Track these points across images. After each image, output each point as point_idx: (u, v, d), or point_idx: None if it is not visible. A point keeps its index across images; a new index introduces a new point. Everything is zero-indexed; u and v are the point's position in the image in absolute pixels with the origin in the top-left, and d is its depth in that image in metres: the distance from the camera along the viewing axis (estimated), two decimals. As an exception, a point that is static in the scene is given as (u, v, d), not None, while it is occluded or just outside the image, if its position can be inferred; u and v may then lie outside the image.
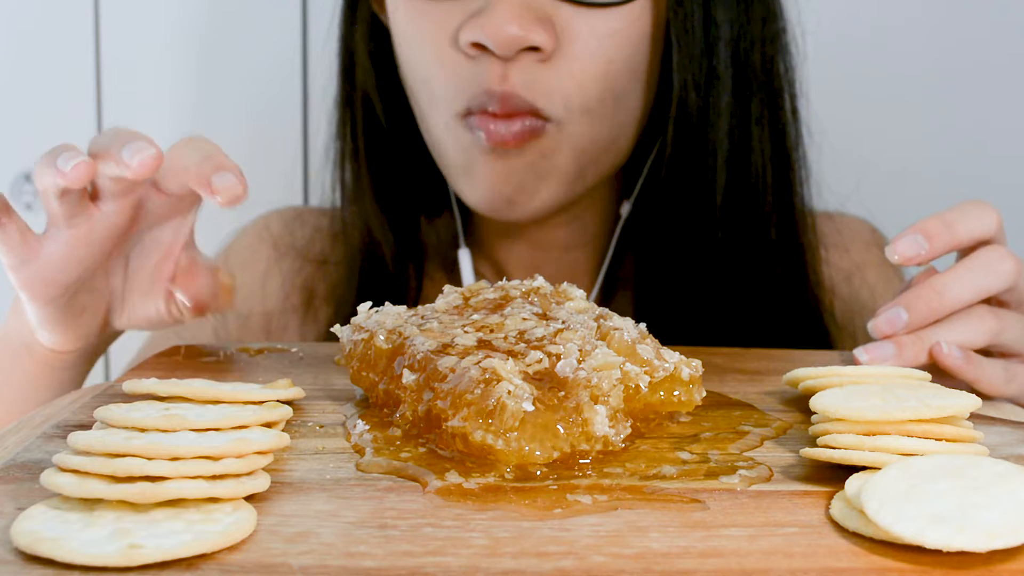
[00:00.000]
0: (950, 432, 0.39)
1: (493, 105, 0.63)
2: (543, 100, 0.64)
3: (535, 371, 0.42)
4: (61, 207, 0.51)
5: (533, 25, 0.62)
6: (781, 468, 0.40)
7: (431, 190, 0.78)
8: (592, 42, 0.64)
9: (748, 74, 0.68)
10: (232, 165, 0.50)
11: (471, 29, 0.63)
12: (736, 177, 0.68)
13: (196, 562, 0.31)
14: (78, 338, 0.57)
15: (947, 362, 0.51)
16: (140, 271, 0.57)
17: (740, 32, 0.67)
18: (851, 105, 1.01)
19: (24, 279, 0.52)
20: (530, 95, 0.64)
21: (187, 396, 0.42)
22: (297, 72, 1.08)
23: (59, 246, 0.52)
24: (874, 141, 1.03)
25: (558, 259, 0.77)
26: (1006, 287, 0.53)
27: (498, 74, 0.63)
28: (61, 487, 0.34)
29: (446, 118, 0.67)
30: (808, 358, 0.58)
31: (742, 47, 0.67)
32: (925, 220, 0.53)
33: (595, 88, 0.65)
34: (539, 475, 0.39)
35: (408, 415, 0.43)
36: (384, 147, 0.76)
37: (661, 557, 0.32)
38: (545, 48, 0.63)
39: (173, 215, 0.56)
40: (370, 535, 0.33)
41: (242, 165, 0.51)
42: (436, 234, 0.80)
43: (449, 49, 0.65)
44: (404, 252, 0.77)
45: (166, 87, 1.07)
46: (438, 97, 0.66)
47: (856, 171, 0.81)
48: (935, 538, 0.32)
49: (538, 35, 0.62)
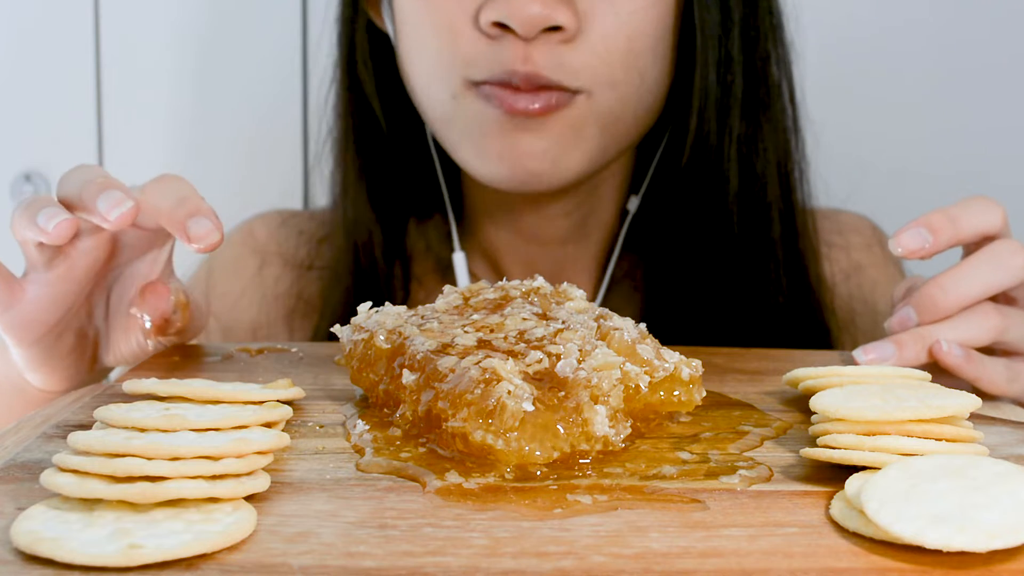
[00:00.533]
0: (950, 432, 0.39)
1: (516, 82, 0.63)
2: (569, 78, 0.64)
3: (535, 371, 0.41)
4: (41, 254, 0.51)
5: (556, 4, 0.61)
6: (781, 468, 0.40)
7: (423, 192, 0.77)
8: (614, 20, 0.64)
9: (756, 62, 0.68)
10: (207, 209, 0.50)
11: (493, 8, 0.62)
12: (745, 170, 0.69)
13: (196, 562, 0.31)
14: (66, 378, 0.56)
15: (947, 360, 0.51)
16: (120, 305, 0.56)
17: (749, 19, 0.68)
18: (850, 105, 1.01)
19: (7, 323, 0.52)
20: (555, 75, 0.63)
21: (187, 396, 0.42)
22: (297, 72, 1.08)
23: (40, 287, 0.51)
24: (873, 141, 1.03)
25: (555, 254, 0.77)
26: (1016, 282, 0.52)
27: (520, 55, 0.63)
28: (61, 487, 0.34)
29: (453, 88, 0.66)
30: (808, 358, 0.58)
31: (750, 34, 0.68)
32: (929, 214, 0.52)
33: (620, 64, 0.65)
34: (539, 475, 0.39)
35: (408, 415, 0.43)
36: (379, 147, 0.76)
37: (661, 557, 0.32)
38: (568, 27, 0.62)
39: (150, 248, 0.56)
40: (370, 535, 0.33)
41: (242, 165, 0.51)
42: (425, 238, 0.80)
43: (465, 26, 0.64)
44: (392, 253, 0.77)
45: (166, 87, 1.07)
46: (448, 69, 0.65)
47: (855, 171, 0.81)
48: (935, 538, 0.32)
49: (562, 14, 0.62)
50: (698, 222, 0.70)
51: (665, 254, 0.72)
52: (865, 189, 0.81)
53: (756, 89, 0.69)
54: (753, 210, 0.69)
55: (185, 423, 0.38)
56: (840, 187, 0.78)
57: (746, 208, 0.69)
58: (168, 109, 1.07)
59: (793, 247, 0.71)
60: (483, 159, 0.67)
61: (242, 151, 1.05)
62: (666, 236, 0.72)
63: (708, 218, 0.69)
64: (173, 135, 0.56)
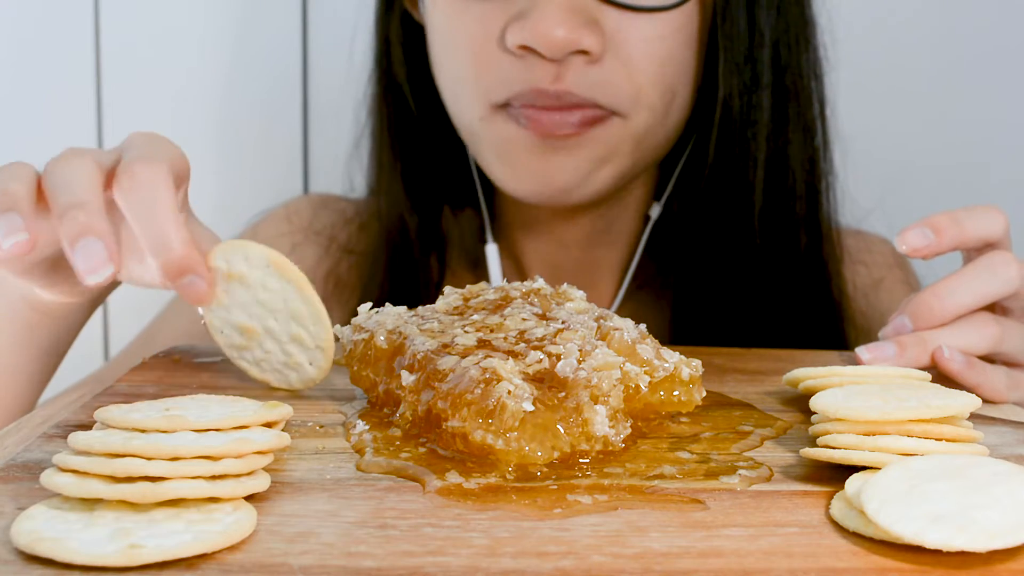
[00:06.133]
0: (950, 432, 0.39)
1: (544, 101, 0.63)
2: (604, 96, 0.63)
3: (535, 371, 0.42)
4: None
5: (581, 28, 0.61)
6: (781, 468, 0.40)
7: (457, 182, 0.77)
8: (642, 46, 0.63)
9: (786, 81, 0.68)
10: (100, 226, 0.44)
11: (518, 31, 0.62)
12: (773, 183, 0.69)
13: (196, 562, 0.31)
14: (74, 292, 0.54)
15: (948, 366, 0.51)
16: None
17: (780, 39, 0.68)
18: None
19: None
20: (589, 93, 0.63)
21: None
22: (297, 72, 1.08)
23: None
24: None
25: (579, 257, 0.77)
26: (1009, 293, 0.53)
27: (551, 73, 0.62)
28: (61, 487, 0.34)
29: (481, 111, 0.66)
30: (808, 358, 0.58)
31: (782, 54, 0.68)
32: (935, 215, 0.53)
33: (653, 86, 0.65)
34: (539, 475, 0.39)
35: (408, 415, 0.43)
36: (414, 136, 0.76)
37: (661, 557, 0.32)
38: (594, 52, 0.62)
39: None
40: (370, 535, 0.33)
41: (242, 165, 0.50)
42: (459, 229, 0.80)
43: (492, 48, 0.64)
44: (428, 238, 0.76)
45: (166, 87, 1.07)
46: (474, 91, 0.66)
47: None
48: (935, 538, 0.32)
49: (587, 38, 0.61)
50: (722, 230, 0.70)
51: (688, 260, 0.72)
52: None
53: (785, 102, 0.69)
54: (778, 221, 0.70)
55: (185, 423, 0.37)
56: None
57: (772, 219, 0.69)
58: (168, 109, 1.07)
59: (817, 259, 0.71)
60: (515, 179, 0.67)
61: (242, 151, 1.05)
62: (689, 243, 0.72)
63: (732, 227, 0.70)
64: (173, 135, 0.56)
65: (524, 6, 0.62)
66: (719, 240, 0.70)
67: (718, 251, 0.70)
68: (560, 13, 0.61)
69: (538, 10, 0.61)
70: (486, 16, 0.64)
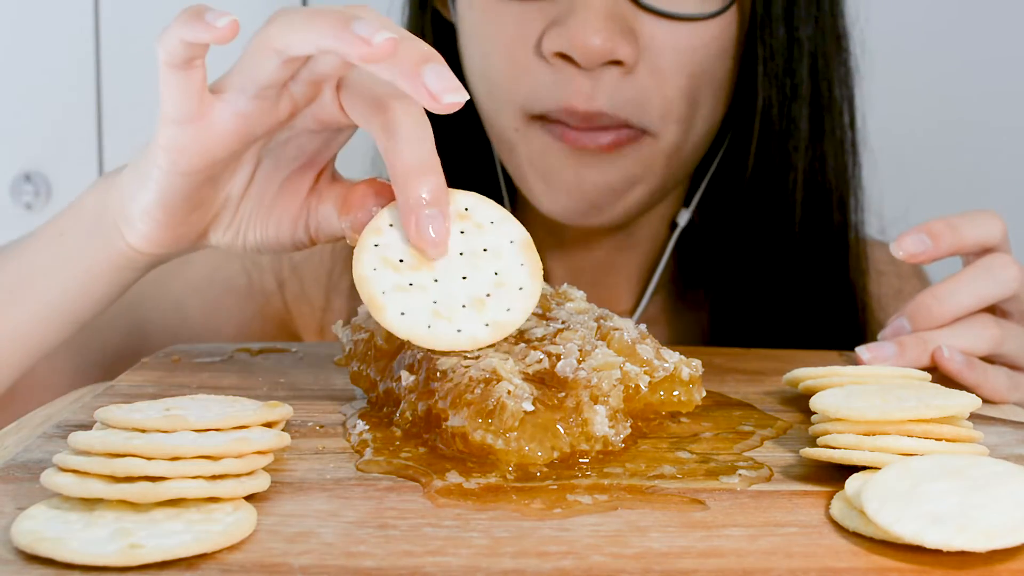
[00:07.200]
0: (950, 432, 0.39)
1: (575, 122, 0.63)
2: (635, 115, 0.63)
3: (535, 371, 0.42)
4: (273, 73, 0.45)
5: (618, 37, 0.61)
6: (781, 468, 0.40)
7: (482, 183, 0.77)
8: (675, 56, 0.63)
9: (822, 90, 0.68)
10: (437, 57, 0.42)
11: (555, 38, 0.61)
12: (811, 192, 0.69)
13: (196, 562, 0.31)
14: (171, 240, 0.50)
15: (948, 366, 0.51)
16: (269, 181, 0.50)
17: (817, 49, 0.67)
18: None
19: (174, 140, 0.46)
20: (621, 113, 0.63)
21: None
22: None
23: (230, 115, 0.46)
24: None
25: (601, 261, 0.77)
26: (1008, 295, 0.53)
27: (584, 93, 0.62)
28: (61, 487, 0.34)
29: (515, 122, 0.65)
30: (808, 358, 0.58)
31: (819, 64, 0.68)
32: (932, 221, 0.54)
33: (680, 99, 0.64)
34: (539, 475, 0.39)
35: (408, 415, 0.43)
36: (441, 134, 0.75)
37: (661, 557, 0.32)
38: (628, 61, 0.62)
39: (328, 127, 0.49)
40: (370, 535, 0.33)
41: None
42: None
43: (527, 53, 0.63)
44: None
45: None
46: (509, 100, 0.65)
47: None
48: (935, 538, 0.32)
49: (622, 48, 0.61)
50: (759, 239, 0.70)
51: (722, 267, 0.72)
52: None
53: (821, 112, 0.68)
54: (815, 230, 0.70)
55: (185, 423, 0.38)
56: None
57: (809, 228, 0.69)
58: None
59: (845, 267, 0.72)
60: (548, 193, 0.66)
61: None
62: (722, 250, 0.72)
63: (769, 235, 0.70)
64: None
65: (563, 10, 0.62)
66: (755, 248, 0.70)
67: (754, 259, 0.70)
68: (598, 20, 0.60)
69: (576, 16, 0.60)
70: (524, 18, 0.63)
